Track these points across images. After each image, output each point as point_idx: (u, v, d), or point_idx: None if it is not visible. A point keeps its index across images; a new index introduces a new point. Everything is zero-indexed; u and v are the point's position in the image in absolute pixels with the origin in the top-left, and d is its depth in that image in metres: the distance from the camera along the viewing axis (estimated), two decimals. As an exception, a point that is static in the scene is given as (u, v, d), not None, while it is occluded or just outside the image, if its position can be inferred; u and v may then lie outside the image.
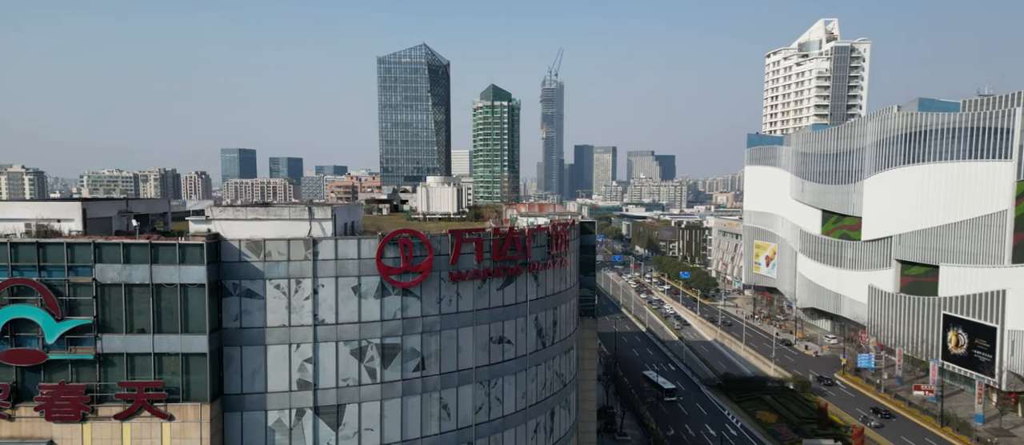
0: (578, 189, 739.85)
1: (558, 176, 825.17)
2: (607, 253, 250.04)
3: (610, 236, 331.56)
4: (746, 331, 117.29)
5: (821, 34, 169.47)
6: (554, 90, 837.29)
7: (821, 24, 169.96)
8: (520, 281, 33.89)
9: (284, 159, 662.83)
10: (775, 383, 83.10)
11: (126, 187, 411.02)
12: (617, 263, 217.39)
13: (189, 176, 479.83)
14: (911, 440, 68.03)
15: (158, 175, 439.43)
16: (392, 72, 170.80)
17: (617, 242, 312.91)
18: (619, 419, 67.55)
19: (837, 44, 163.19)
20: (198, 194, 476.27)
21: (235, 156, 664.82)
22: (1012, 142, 72.11)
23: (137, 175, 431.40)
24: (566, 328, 38.94)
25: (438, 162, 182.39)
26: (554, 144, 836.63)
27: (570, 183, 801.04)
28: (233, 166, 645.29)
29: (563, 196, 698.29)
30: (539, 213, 54.95)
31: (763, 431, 69.81)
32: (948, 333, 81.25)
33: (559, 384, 38.34)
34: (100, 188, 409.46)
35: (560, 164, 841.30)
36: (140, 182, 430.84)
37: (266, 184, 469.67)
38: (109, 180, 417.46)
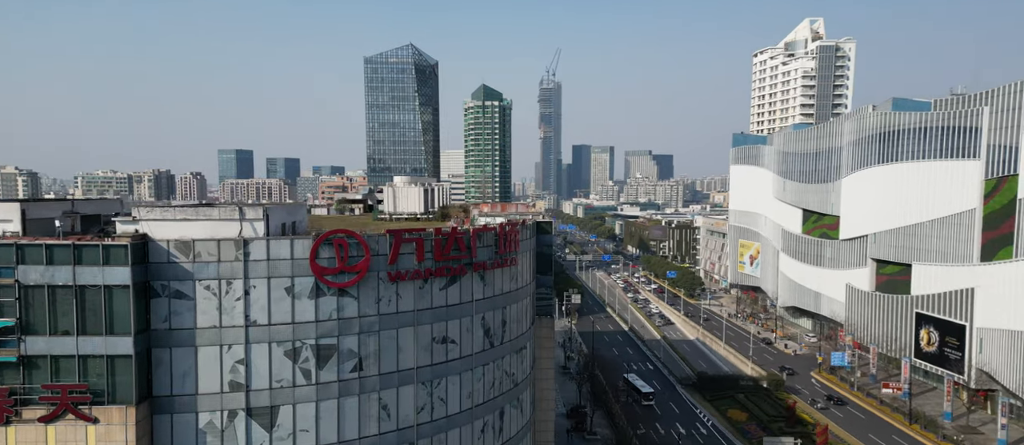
0: (576, 189, 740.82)
1: (556, 176, 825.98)
2: (598, 253, 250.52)
3: (603, 236, 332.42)
4: (726, 330, 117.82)
5: (807, 33, 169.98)
6: (552, 90, 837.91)
7: (806, 23, 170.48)
8: (465, 281, 34.22)
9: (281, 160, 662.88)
10: (748, 382, 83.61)
11: (120, 188, 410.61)
12: (606, 262, 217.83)
13: (184, 177, 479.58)
14: (879, 437, 68.54)
15: (152, 176, 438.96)
16: (379, 72, 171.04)
17: (610, 242, 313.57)
18: (589, 418, 67.93)
19: (822, 43, 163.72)
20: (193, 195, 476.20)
21: (232, 157, 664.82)
22: (980, 141, 72.63)
23: (131, 176, 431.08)
24: (518, 328, 39.28)
25: (425, 162, 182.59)
26: (552, 144, 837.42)
27: (568, 183, 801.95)
28: (230, 167, 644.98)
29: (561, 196, 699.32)
30: (501, 213, 55.28)
31: (733, 429, 70.26)
32: (920, 331, 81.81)
33: (510, 384, 38.69)
34: (94, 189, 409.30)
35: (558, 164, 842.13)
36: (134, 183, 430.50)
37: (261, 184, 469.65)
38: (103, 181, 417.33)
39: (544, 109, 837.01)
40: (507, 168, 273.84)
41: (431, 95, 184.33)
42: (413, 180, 65.69)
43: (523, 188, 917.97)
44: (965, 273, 74.45)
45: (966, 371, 73.88)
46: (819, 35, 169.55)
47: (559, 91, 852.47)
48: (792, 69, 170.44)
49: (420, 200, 57.84)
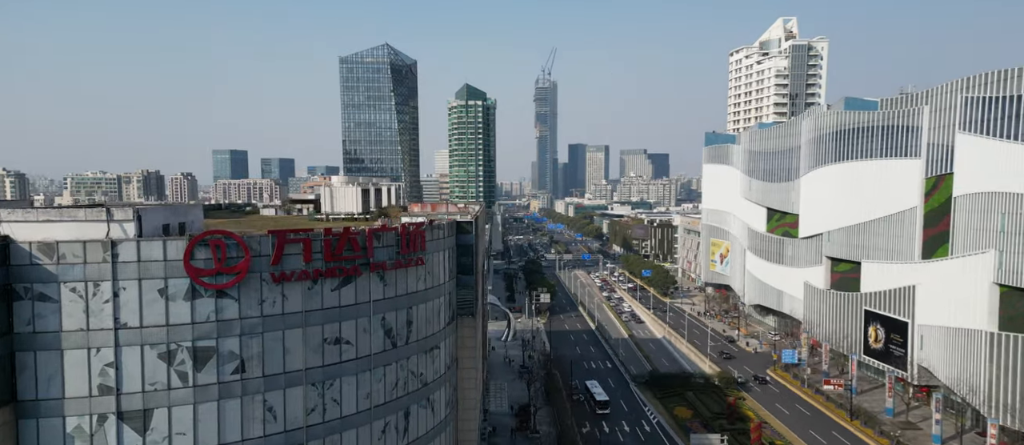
0: (572, 188, 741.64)
1: (552, 175, 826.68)
2: (583, 252, 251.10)
3: (590, 235, 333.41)
4: (688, 328, 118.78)
5: (780, 33, 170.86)
6: (547, 89, 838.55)
7: (780, 22, 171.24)
8: (361, 281, 34.65)
9: (276, 160, 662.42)
10: (700, 379, 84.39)
11: (109, 188, 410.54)
12: (586, 262, 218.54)
13: (174, 178, 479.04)
14: (819, 434, 69.35)
15: (141, 177, 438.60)
16: (354, 72, 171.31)
17: (596, 241, 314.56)
18: (532, 417, 68.61)
19: (795, 43, 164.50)
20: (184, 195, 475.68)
21: (226, 157, 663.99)
22: (921, 140, 73.40)
23: (120, 177, 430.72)
24: (428, 328, 39.72)
25: (403, 161, 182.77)
26: (548, 143, 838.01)
27: (564, 182, 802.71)
28: (224, 167, 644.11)
29: (556, 195, 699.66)
30: (432, 212, 55.80)
31: (676, 426, 71.01)
32: (868, 328, 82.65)
33: (417, 384, 39.16)
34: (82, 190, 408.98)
35: (554, 163, 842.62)
36: (123, 184, 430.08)
37: (253, 185, 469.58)
38: (93, 182, 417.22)
39: (540, 108, 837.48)
40: (492, 167, 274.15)
41: (407, 95, 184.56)
42: (351, 180, 66.23)
43: (520, 187, 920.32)
44: (907, 270, 75.29)
45: (908, 368, 74.77)
46: (792, 34, 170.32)
47: (555, 90, 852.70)
48: (766, 68, 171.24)
49: (357, 200, 58.33)
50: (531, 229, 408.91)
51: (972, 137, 64.28)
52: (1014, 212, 59.04)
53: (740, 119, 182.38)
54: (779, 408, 77.77)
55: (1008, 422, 59.05)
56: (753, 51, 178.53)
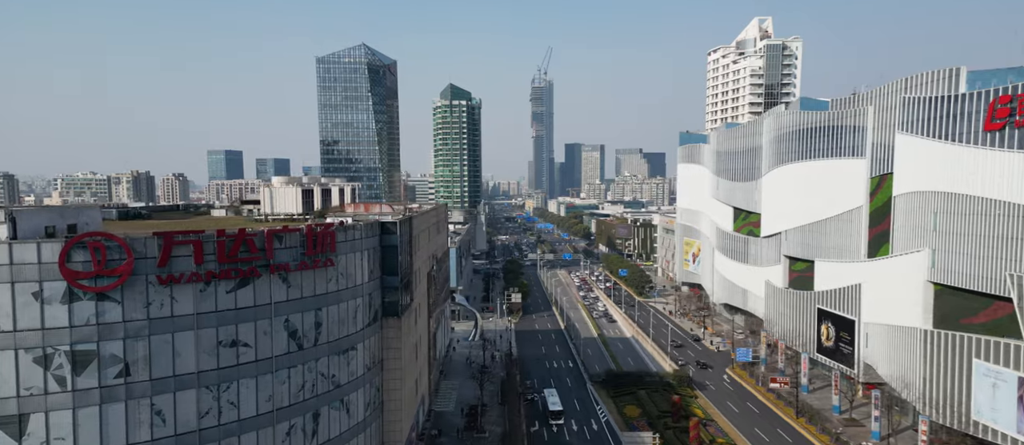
0: (568, 188, 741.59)
1: (549, 174, 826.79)
2: (569, 251, 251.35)
3: (578, 235, 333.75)
4: (658, 327, 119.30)
5: (756, 32, 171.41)
6: (543, 89, 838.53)
7: (756, 22, 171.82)
8: (261, 283, 34.94)
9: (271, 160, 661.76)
10: (654, 378, 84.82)
11: (99, 189, 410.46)
12: (568, 261, 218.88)
13: (166, 178, 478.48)
14: (763, 431, 69.79)
15: (131, 177, 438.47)
16: (331, 72, 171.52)
17: (583, 240, 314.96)
18: (479, 417, 68.91)
19: (769, 42, 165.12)
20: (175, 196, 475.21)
21: (221, 158, 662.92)
22: (866, 140, 73.82)
23: (110, 178, 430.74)
24: (341, 329, 40.00)
25: (380, 161, 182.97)
26: (544, 143, 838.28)
27: (561, 181, 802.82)
28: (219, 168, 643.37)
29: (553, 194, 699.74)
30: (365, 213, 56.04)
31: (623, 425, 71.38)
32: (821, 326, 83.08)
33: (329, 385, 39.46)
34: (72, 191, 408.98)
35: (550, 163, 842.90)
36: (113, 184, 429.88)
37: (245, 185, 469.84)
38: (83, 182, 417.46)
39: (536, 108, 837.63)
40: (477, 167, 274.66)
41: (385, 94, 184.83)
42: (291, 180, 66.50)
43: (519, 187, 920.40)
44: (854, 269, 75.69)
45: (855, 365, 75.22)
46: (768, 34, 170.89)
47: (551, 90, 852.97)
48: (742, 68, 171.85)
49: (297, 201, 58.65)
50: (522, 228, 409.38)
51: (909, 137, 64.69)
52: (946, 211, 59.46)
53: (718, 118, 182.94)
54: (729, 406, 78.22)
55: (940, 418, 59.49)
56: (730, 51, 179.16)
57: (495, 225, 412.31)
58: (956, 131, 57.71)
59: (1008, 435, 52.66)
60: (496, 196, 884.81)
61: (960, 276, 57.73)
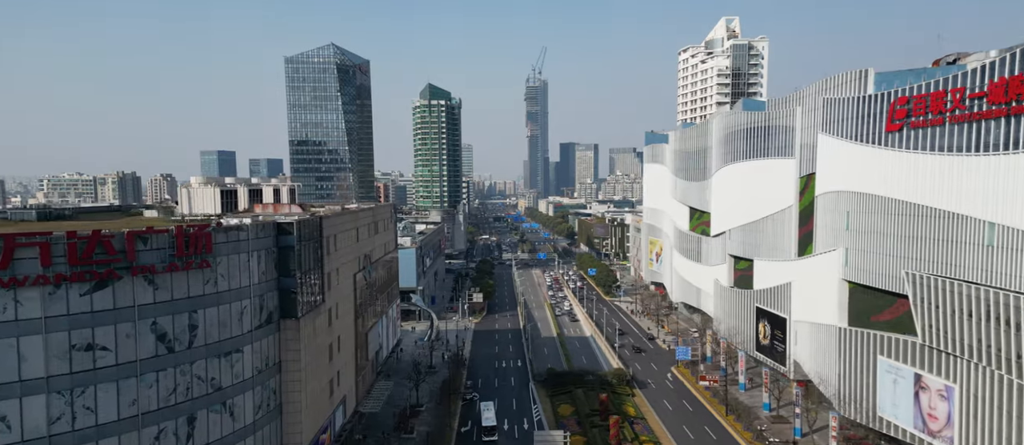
0: (563, 187, 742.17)
1: (544, 174, 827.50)
2: (547, 251, 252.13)
3: (562, 234, 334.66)
4: (618, 326, 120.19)
5: (724, 32, 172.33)
6: (538, 88, 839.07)
7: (723, 22, 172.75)
8: (122, 285, 35.31)
9: (264, 161, 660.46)
10: (594, 377, 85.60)
11: (85, 190, 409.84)
12: (542, 261, 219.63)
13: (153, 179, 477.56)
14: (691, 429, 70.67)
15: (116, 178, 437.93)
16: (300, 72, 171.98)
17: (566, 239, 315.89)
18: (407, 418, 69.52)
19: (736, 42, 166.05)
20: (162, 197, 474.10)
21: (214, 158, 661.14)
22: (795, 140, 74.73)
23: (96, 178, 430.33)
24: (222, 332, 40.52)
25: (350, 162, 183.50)
26: (539, 142, 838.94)
27: (557, 181, 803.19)
28: (212, 168, 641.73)
29: (547, 194, 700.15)
30: (273, 213, 56.57)
31: (554, 424, 72.14)
32: (759, 325, 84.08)
33: (208, 389, 39.73)
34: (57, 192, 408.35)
35: (545, 162, 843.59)
36: (98, 185, 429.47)
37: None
38: (69, 183, 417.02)
39: (530, 107, 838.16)
40: (457, 167, 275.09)
41: (355, 94, 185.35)
42: (210, 180, 66.95)
43: (515, 187, 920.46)
44: (785, 268, 76.64)
45: (787, 363, 76.17)
46: (735, 34, 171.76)
47: (545, 89, 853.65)
48: (710, 67, 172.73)
49: (216, 201, 59.16)
50: (509, 228, 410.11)
51: (828, 137, 65.60)
52: (857, 211, 60.36)
53: (687, 118, 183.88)
54: (665, 404, 79.10)
55: (852, 414, 60.44)
56: (699, 50, 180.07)
57: (483, 225, 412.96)
58: (863, 132, 58.64)
59: (907, 430, 53.60)
60: (493, 196, 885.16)
61: (868, 274, 58.68)
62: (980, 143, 44.86)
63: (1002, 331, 42.85)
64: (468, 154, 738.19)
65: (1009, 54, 42.19)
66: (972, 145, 45.54)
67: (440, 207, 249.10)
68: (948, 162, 47.95)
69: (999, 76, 42.83)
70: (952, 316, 47.02)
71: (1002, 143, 42.93)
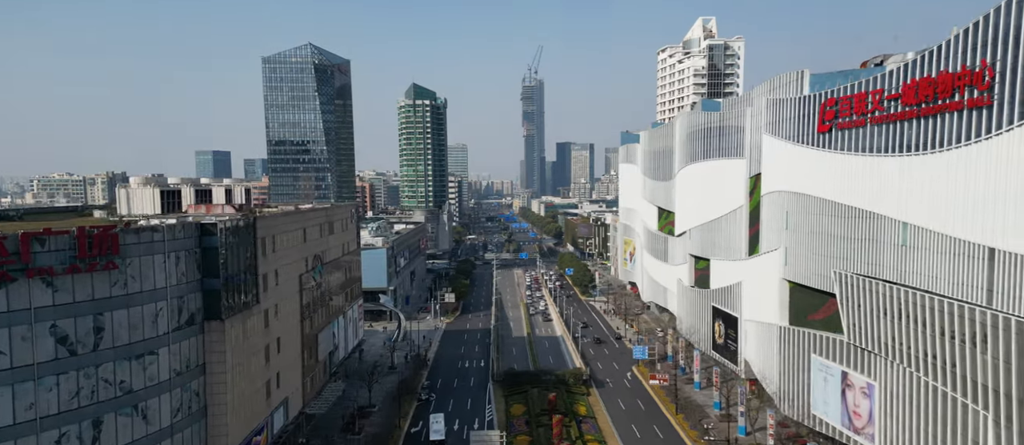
0: (559, 187, 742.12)
1: (540, 174, 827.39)
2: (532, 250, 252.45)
3: (550, 233, 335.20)
4: (581, 326, 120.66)
5: (701, 32, 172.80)
6: (534, 88, 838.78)
7: (700, 22, 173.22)
8: (16, 288, 35.09)
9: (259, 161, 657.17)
10: (551, 376, 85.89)
11: (75, 190, 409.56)
12: (524, 260, 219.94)
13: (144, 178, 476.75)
14: (639, 427, 71.03)
15: (106, 178, 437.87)
16: (277, 72, 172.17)
17: (554, 239, 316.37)
18: (355, 419, 69.73)
19: (712, 42, 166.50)
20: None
21: (209, 158, 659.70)
22: (745, 140, 75.14)
23: (85, 179, 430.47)
24: (133, 334, 40.59)
25: (330, 162, 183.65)
26: (535, 142, 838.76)
27: (553, 180, 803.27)
28: (207, 168, 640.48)
29: (543, 193, 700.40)
30: (206, 214, 56.63)
31: (505, 423, 72.48)
32: (715, 324, 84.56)
33: (116, 392, 39.58)
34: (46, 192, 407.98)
35: (541, 162, 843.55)
36: (88, 185, 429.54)
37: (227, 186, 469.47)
38: (58, 183, 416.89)
39: (527, 107, 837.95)
40: (442, 167, 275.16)
41: (334, 94, 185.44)
42: (150, 181, 67.00)
43: (512, 187, 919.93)
44: (736, 267, 77.12)
45: (738, 362, 76.63)
46: (712, 34, 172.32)
47: (541, 89, 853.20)
48: (686, 67, 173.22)
49: (155, 202, 59.25)
50: (500, 228, 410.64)
51: (770, 138, 66.02)
52: (794, 210, 60.79)
53: (665, 118, 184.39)
54: (618, 403, 79.47)
55: (791, 412, 60.89)
56: (677, 50, 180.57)
57: (474, 225, 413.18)
58: (799, 133, 59.05)
59: (835, 427, 54.04)
60: (490, 195, 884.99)
61: (804, 274, 59.15)
62: (894, 144, 45.25)
63: (914, 330, 43.25)
64: (462, 154, 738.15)
65: (920, 56, 42.57)
66: (888, 146, 45.94)
67: (425, 207, 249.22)
68: (869, 163, 48.35)
69: (911, 78, 43.22)
70: (871, 315, 47.44)
71: (913, 144, 43.31)
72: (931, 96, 40.77)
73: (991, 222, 35.68)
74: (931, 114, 41.00)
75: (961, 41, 38.32)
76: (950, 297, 39.45)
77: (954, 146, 38.94)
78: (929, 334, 41.36)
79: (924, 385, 42.30)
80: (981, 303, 36.99)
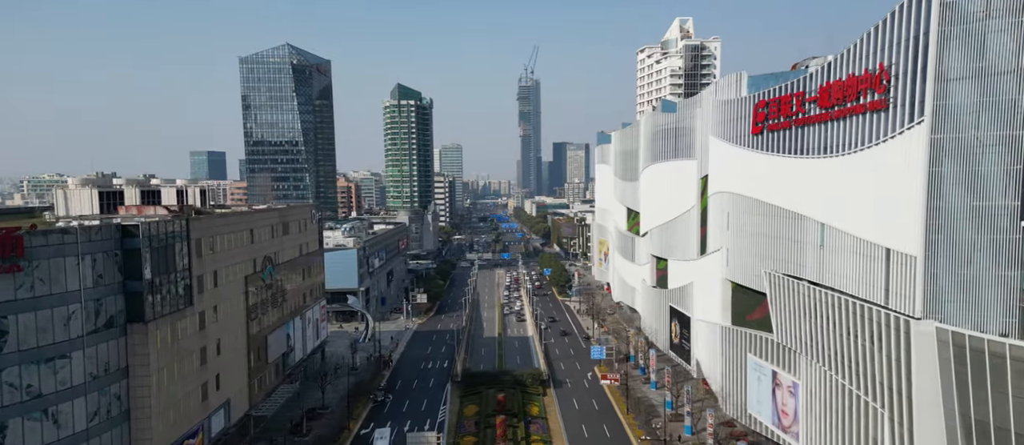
0: (556, 186, 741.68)
1: (536, 173, 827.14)
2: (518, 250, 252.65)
3: (538, 233, 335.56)
4: (551, 326, 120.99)
5: (678, 33, 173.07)
6: (530, 88, 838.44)
7: (677, 23, 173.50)
8: None
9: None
10: (508, 377, 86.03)
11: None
12: (506, 261, 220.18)
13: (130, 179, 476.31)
14: (588, 427, 71.19)
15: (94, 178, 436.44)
16: (255, 72, 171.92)
17: (541, 239, 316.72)
18: (303, 421, 69.74)
19: (688, 42, 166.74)
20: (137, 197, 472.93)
21: (204, 158, 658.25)
22: (696, 141, 75.36)
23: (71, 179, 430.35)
24: (42, 337, 40.33)
25: (308, 163, 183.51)
26: (531, 142, 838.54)
27: (550, 180, 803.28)
28: (202, 168, 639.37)
29: (540, 192, 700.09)
30: (137, 214, 56.48)
31: (457, 424, 72.61)
32: (671, 324, 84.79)
33: (22, 396, 39.18)
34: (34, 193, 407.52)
35: (537, 162, 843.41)
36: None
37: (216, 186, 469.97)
38: (47, 184, 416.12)
39: (523, 107, 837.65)
40: (428, 167, 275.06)
41: (312, 94, 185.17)
42: (89, 181, 66.86)
43: (510, 187, 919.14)
44: (689, 268, 77.36)
45: (691, 361, 76.85)
46: (689, 34, 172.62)
47: (537, 89, 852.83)
48: (664, 67, 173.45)
49: (93, 202, 59.17)
50: (490, 228, 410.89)
51: (715, 139, 66.23)
52: (734, 211, 61.01)
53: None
54: (573, 402, 79.65)
55: (731, 411, 61.11)
56: (655, 50, 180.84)
57: (466, 225, 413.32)
58: (737, 134, 59.27)
59: (767, 425, 54.28)
60: (487, 195, 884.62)
61: (742, 274, 59.37)
62: (814, 146, 45.47)
63: (827, 329, 43.50)
64: (457, 154, 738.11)
65: (833, 59, 42.79)
66: (809, 148, 46.17)
67: (409, 207, 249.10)
68: (794, 164, 48.57)
69: (826, 81, 43.43)
70: (794, 315, 47.68)
71: (827, 146, 43.53)
72: (841, 99, 40.99)
73: (886, 223, 35.87)
74: (841, 117, 41.21)
75: (865, 44, 38.52)
76: (855, 297, 39.67)
77: (859, 149, 39.13)
78: (838, 333, 41.61)
79: (835, 384, 42.53)
80: (879, 302, 37.22)
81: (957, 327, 32.04)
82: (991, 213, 31.43)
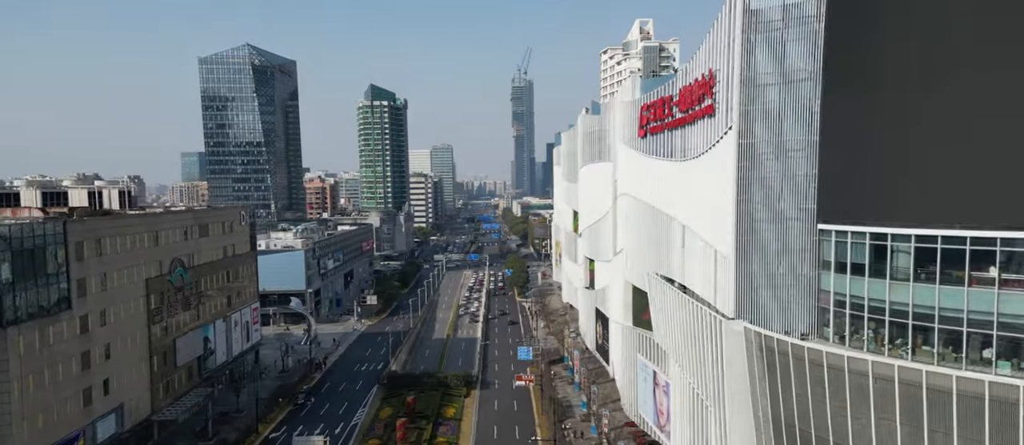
0: (548, 187, 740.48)
1: (529, 174, 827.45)
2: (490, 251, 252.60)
3: (518, 234, 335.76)
4: (501, 327, 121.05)
5: (638, 34, 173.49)
6: (523, 88, 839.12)
7: (638, 24, 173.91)
8: None
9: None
10: (433, 378, 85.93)
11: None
12: (473, 261, 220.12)
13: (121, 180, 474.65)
14: (500, 428, 71.10)
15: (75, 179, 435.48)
16: (214, 73, 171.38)
17: (520, 239, 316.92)
18: (209, 424, 69.31)
19: (647, 44, 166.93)
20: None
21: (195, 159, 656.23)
22: (609, 144, 75.46)
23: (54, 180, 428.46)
24: None
25: (270, 164, 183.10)
26: (524, 142, 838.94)
27: (543, 180, 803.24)
28: (193, 169, 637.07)
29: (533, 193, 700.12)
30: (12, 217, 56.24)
31: (370, 426, 72.47)
32: (597, 325, 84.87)
33: None
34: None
35: (531, 163, 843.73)
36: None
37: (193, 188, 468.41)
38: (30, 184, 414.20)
39: (516, 108, 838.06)
40: (402, 168, 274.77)
41: (274, 95, 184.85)
42: (34, 183, 66.48)
43: (505, 187, 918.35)
44: (606, 269, 77.45)
45: (610, 362, 76.96)
46: (648, 36, 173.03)
47: (531, 89, 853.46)
48: (624, 68, 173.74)
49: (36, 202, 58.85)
50: (473, 229, 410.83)
51: (617, 142, 66.37)
52: (630, 213, 61.09)
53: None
54: (494, 404, 79.65)
55: (628, 411, 61.21)
56: (617, 51, 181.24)
57: (449, 226, 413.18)
58: (629, 137, 59.36)
59: (650, 424, 54.40)
60: (482, 195, 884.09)
61: (635, 275, 59.43)
62: (676, 149, 45.57)
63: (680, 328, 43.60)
64: (448, 154, 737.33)
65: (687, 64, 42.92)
66: (673, 151, 46.27)
67: (383, 208, 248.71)
68: (665, 167, 48.68)
69: (683, 84, 43.53)
70: (664, 315, 47.78)
71: (685, 149, 43.62)
72: (692, 103, 41.10)
73: (715, 225, 35.96)
74: (690, 121, 41.33)
75: (703, 49, 38.63)
76: (699, 298, 39.79)
77: (702, 153, 39.23)
78: (684, 332, 41.74)
79: (685, 384, 42.68)
80: (709, 302, 37.33)
81: (762, 328, 32.17)
82: (793, 216, 31.56)
